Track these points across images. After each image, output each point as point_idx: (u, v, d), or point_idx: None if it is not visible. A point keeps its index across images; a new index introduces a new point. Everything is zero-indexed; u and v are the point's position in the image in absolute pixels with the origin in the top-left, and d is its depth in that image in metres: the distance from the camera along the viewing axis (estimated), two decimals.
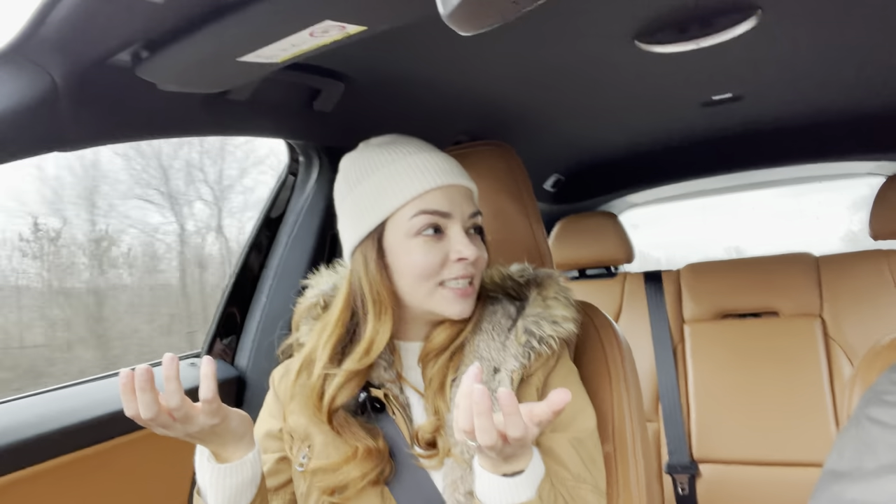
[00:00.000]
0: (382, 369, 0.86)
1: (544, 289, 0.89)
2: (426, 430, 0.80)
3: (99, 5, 0.70)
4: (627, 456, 0.93)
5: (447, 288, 0.82)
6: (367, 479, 0.79)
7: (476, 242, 0.84)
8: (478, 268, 0.84)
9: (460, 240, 0.81)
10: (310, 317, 0.94)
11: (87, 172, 1.97)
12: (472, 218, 0.85)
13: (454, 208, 0.83)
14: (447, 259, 0.81)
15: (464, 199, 0.85)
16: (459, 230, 0.82)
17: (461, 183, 0.85)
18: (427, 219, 0.81)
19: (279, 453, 0.90)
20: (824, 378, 1.80)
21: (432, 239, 0.81)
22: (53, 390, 1.11)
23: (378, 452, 0.80)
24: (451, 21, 0.56)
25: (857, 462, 0.68)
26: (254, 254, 1.45)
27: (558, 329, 0.84)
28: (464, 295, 0.82)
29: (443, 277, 0.82)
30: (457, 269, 0.82)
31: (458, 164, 0.88)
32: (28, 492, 0.93)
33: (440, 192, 0.82)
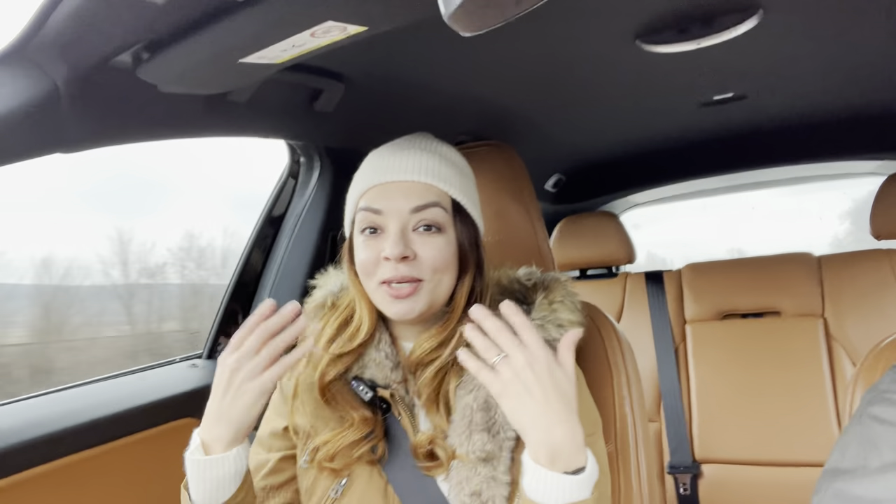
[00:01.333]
0: (389, 370, 0.85)
1: (551, 292, 0.88)
2: (422, 443, 0.80)
3: (100, 7, 0.70)
4: (629, 456, 0.93)
5: (388, 287, 0.81)
6: (363, 447, 0.80)
7: (419, 240, 0.81)
8: (421, 269, 0.81)
9: (389, 238, 0.80)
10: (317, 317, 0.94)
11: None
12: (416, 213, 0.81)
13: (388, 205, 0.81)
14: (379, 258, 0.81)
15: (406, 194, 0.81)
16: (395, 229, 0.80)
17: (408, 178, 0.82)
18: (363, 216, 0.83)
19: (283, 452, 0.90)
20: (826, 378, 1.79)
21: (370, 238, 0.82)
22: (54, 392, 1.11)
23: (374, 421, 0.82)
24: (452, 22, 0.56)
25: (860, 460, 0.67)
26: (255, 254, 1.45)
27: (563, 333, 0.83)
28: (397, 296, 0.80)
29: (381, 277, 0.81)
30: (387, 268, 0.80)
31: (428, 160, 0.84)
32: (29, 493, 0.93)
33: (378, 189, 0.83)
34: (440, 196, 0.83)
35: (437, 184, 0.83)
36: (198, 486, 0.76)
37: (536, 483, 0.68)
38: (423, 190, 0.82)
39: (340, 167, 1.45)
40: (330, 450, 0.81)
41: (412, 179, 0.82)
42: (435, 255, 0.81)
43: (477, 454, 0.76)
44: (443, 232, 0.82)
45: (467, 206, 0.86)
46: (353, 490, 0.81)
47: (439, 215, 0.82)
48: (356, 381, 0.85)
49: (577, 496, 0.67)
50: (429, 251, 0.81)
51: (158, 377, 1.27)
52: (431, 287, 0.82)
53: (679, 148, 2.11)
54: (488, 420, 0.78)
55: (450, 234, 0.83)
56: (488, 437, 0.77)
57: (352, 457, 0.80)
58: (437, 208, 0.82)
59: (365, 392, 0.84)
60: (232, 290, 1.43)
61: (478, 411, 0.79)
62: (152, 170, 1.95)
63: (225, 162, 1.89)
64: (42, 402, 1.05)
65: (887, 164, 2.17)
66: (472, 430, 0.78)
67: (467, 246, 0.85)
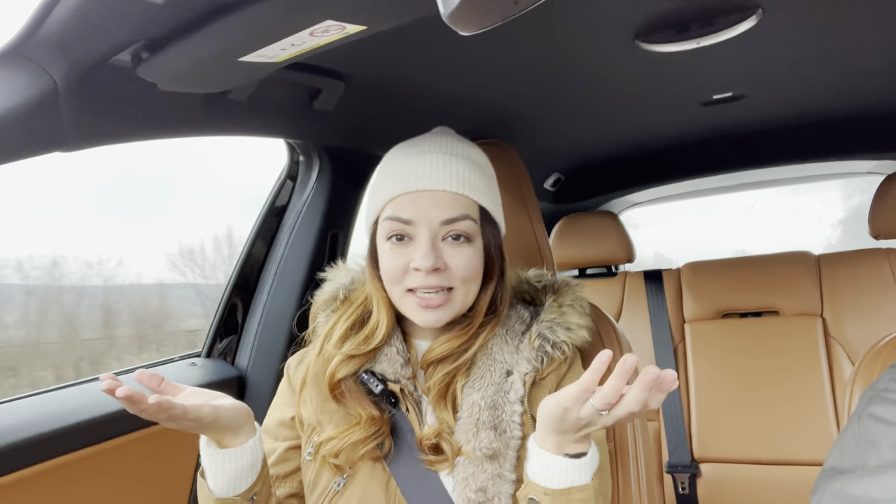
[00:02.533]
0: (399, 365, 0.86)
1: (561, 296, 0.89)
2: (428, 436, 0.80)
3: (99, 6, 0.70)
4: (628, 455, 0.93)
5: (415, 296, 0.81)
6: (368, 445, 0.80)
7: (449, 251, 0.80)
8: (451, 278, 0.80)
9: (420, 248, 0.79)
10: (328, 309, 0.94)
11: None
12: (446, 225, 0.80)
13: (419, 215, 0.80)
14: (408, 267, 0.80)
15: (437, 205, 0.80)
16: (425, 239, 0.79)
17: (439, 188, 0.81)
18: (391, 225, 0.82)
19: (290, 441, 0.91)
20: (825, 377, 1.80)
21: (398, 245, 0.82)
22: (53, 390, 1.11)
23: (381, 421, 0.82)
24: (451, 21, 0.56)
25: (859, 460, 0.68)
26: (254, 252, 1.45)
27: (572, 336, 0.85)
28: (427, 306, 0.80)
29: (408, 285, 0.81)
30: (417, 278, 0.80)
31: (457, 167, 0.83)
32: (29, 492, 0.93)
33: (408, 198, 0.81)
34: (470, 206, 0.83)
35: (467, 193, 0.82)
36: (216, 478, 0.77)
37: (540, 466, 0.69)
38: (453, 200, 0.81)
39: (340, 166, 1.45)
40: (335, 447, 0.81)
41: (443, 189, 0.81)
42: (465, 266, 0.81)
43: (483, 451, 0.77)
44: (472, 242, 0.82)
45: (493, 212, 0.86)
46: (356, 483, 0.82)
47: (469, 227, 0.82)
48: (367, 375, 0.85)
49: (578, 480, 0.68)
50: (459, 262, 0.81)
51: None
52: (461, 296, 0.82)
53: (678, 147, 2.11)
54: (495, 418, 0.79)
55: (478, 244, 0.83)
56: (495, 436, 0.78)
57: (357, 454, 0.81)
58: (467, 220, 0.81)
59: (375, 385, 0.84)
60: (231, 289, 1.43)
61: (485, 409, 0.79)
62: (158, 169, 1.98)
63: (231, 161, 1.91)
64: (41, 401, 1.05)
65: (886, 164, 2.17)
66: (480, 428, 0.78)
67: (494, 252, 0.86)
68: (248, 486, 0.78)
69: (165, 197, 2.43)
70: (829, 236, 3.36)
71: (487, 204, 0.85)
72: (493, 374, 0.82)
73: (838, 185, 3.14)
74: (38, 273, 2.00)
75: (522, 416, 0.80)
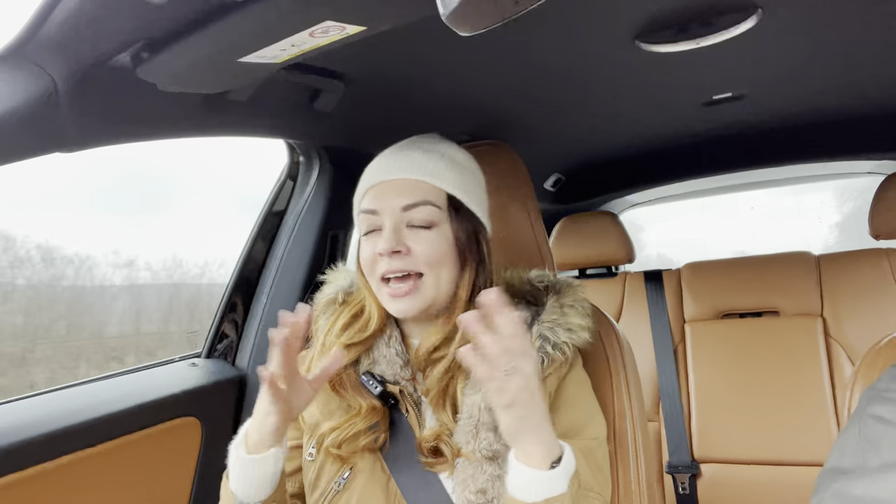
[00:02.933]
0: (398, 367, 0.87)
1: (562, 296, 0.89)
2: (427, 439, 0.81)
3: (99, 6, 0.70)
4: (628, 455, 0.93)
5: (387, 286, 0.84)
6: (368, 437, 0.82)
7: (413, 236, 0.83)
8: (416, 262, 0.83)
9: (383, 234, 0.83)
10: (328, 312, 0.96)
11: None
12: (407, 211, 0.84)
13: (382, 205, 0.85)
14: (376, 256, 0.84)
15: (397, 192, 0.85)
16: (388, 225, 0.83)
17: (399, 177, 0.85)
18: (363, 218, 0.87)
19: (294, 441, 0.92)
20: (825, 377, 1.80)
21: (369, 237, 0.87)
22: (54, 391, 1.11)
23: (381, 411, 0.84)
24: (451, 21, 0.56)
25: (859, 460, 0.68)
26: (254, 254, 1.45)
27: (573, 337, 0.85)
28: (395, 295, 0.83)
29: (379, 273, 0.84)
30: (383, 264, 0.83)
31: (420, 158, 0.86)
32: (28, 492, 0.93)
33: (374, 191, 0.87)
34: (431, 193, 0.85)
35: (428, 180, 0.85)
36: (239, 483, 0.79)
37: (517, 479, 0.69)
38: (413, 187, 0.85)
39: (340, 167, 1.45)
40: (338, 437, 0.83)
41: (403, 177, 0.85)
42: (427, 249, 0.83)
43: (483, 452, 0.77)
44: (436, 227, 0.84)
45: (465, 201, 0.88)
46: (356, 483, 0.82)
47: (430, 212, 0.84)
48: (366, 376, 0.86)
49: (555, 490, 0.68)
50: (421, 245, 0.83)
51: (158, 376, 1.27)
52: (431, 282, 0.83)
53: (678, 147, 2.11)
54: (496, 420, 0.78)
55: (444, 229, 0.85)
56: (495, 437, 0.78)
57: (358, 445, 0.82)
58: (428, 206, 0.84)
59: (374, 386, 0.85)
60: (231, 290, 1.43)
61: (485, 411, 0.79)
62: (163, 168, 2.00)
63: (235, 161, 1.93)
64: (41, 401, 1.05)
65: (886, 164, 2.17)
66: (480, 429, 0.78)
67: (465, 240, 0.86)
68: (268, 495, 0.80)
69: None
70: (826, 238, 3.37)
71: (457, 193, 0.87)
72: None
73: (835, 186, 3.15)
74: (166, 272, 2.09)
75: None
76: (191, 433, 1.21)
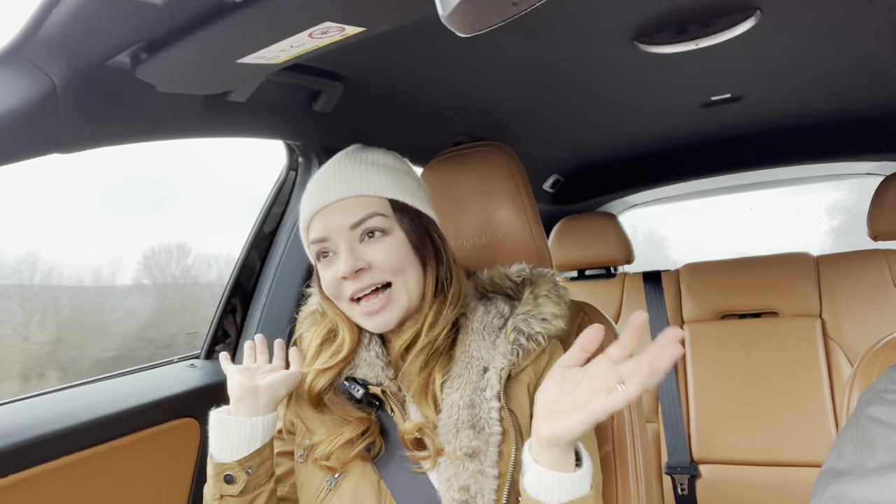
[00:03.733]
0: (380, 368, 0.87)
1: (536, 287, 0.89)
2: (408, 431, 0.81)
3: (98, 7, 0.70)
4: (627, 456, 0.93)
5: (359, 305, 0.85)
6: (359, 445, 0.82)
7: (368, 249, 0.83)
8: (380, 273, 0.83)
9: (340, 258, 0.83)
10: (310, 323, 0.97)
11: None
12: (355, 228, 0.83)
13: (330, 229, 0.84)
14: (338, 279, 0.84)
15: (342, 212, 0.84)
16: (343, 248, 0.83)
17: (338, 197, 0.84)
18: (314, 247, 0.86)
19: (279, 448, 0.93)
20: (824, 378, 1.80)
21: (325, 261, 0.86)
22: (53, 392, 1.11)
23: (369, 421, 0.84)
24: (450, 22, 0.56)
25: (857, 461, 0.67)
26: (253, 255, 1.45)
27: (547, 326, 0.84)
28: (370, 313, 0.83)
29: (347, 295, 0.84)
30: (348, 286, 0.83)
31: (352, 173, 0.86)
32: (28, 493, 0.93)
33: (317, 218, 0.86)
34: (375, 204, 0.85)
35: (367, 192, 0.85)
36: (216, 442, 0.84)
37: (537, 480, 0.69)
38: (355, 204, 0.85)
39: None
40: (326, 448, 0.82)
41: (343, 196, 0.85)
42: (387, 258, 0.83)
43: (463, 450, 0.78)
44: (388, 234, 0.85)
45: (407, 201, 0.88)
46: (346, 483, 0.83)
47: (378, 222, 0.84)
48: (348, 381, 0.87)
49: (578, 491, 0.68)
50: (380, 255, 0.83)
51: (156, 377, 1.27)
52: (401, 288, 0.84)
53: (677, 149, 2.11)
54: (473, 417, 0.80)
55: (397, 234, 0.86)
56: (473, 434, 0.78)
57: (348, 455, 0.81)
58: (374, 217, 0.84)
59: (357, 390, 0.85)
60: (229, 291, 1.43)
61: (464, 409, 0.80)
62: (168, 170, 2.01)
63: (239, 163, 1.94)
64: (41, 402, 1.05)
65: (884, 165, 2.17)
66: (459, 428, 0.79)
67: (416, 239, 0.87)
68: (242, 457, 0.82)
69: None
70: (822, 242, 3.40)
71: (396, 195, 0.87)
72: (470, 371, 0.83)
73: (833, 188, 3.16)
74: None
75: (500, 412, 0.80)
76: (190, 434, 1.21)
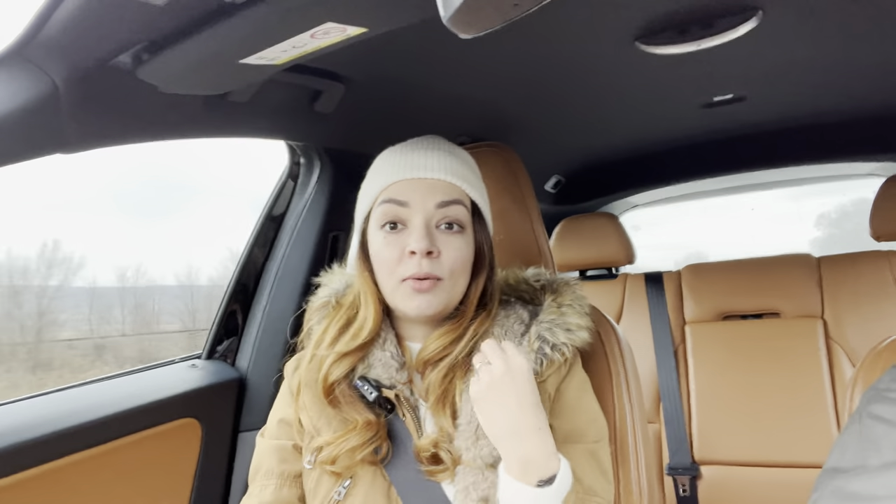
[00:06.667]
0: (394, 370, 0.85)
1: (560, 295, 0.88)
2: (425, 447, 0.79)
3: (100, 8, 0.70)
4: (629, 457, 0.93)
5: (407, 282, 0.81)
6: (365, 450, 0.79)
7: (442, 238, 0.81)
8: (442, 267, 0.81)
9: (414, 233, 0.80)
10: (321, 315, 0.94)
11: None
12: (441, 208, 0.81)
13: (414, 197, 0.81)
14: (403, 254, 0.80)
15: (431, 190, 0.82)
16: (419, 222, 0.80)
17: (434, 176, 0.82)
18: (386, 208, 0.82)
19: (294, 441, 0.89)
20: (825, 379, 1.79)
21: (392, 233, 0.82)
22: (54, 392, 1.11)
23: (378, 425, 0.81)
24: (451, 24, 0.56)
25: (860, 460, 0.67)
26: (255, 255, 1.45)
27: (572, 337, 0.84)
28: (419, 290, 0.80)
29: (402, 275, 0.80)
30: (411, 265, 0.80)
31: (451, 161, 0.85)
32: (28, 493, 0.93)
33: (404, 184, 0.83)
34: (462, 195, 0.84)
35: (459, 184, 0.84)
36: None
37: (509, 496, 0.69)
38: (447, 187, 0.83)
39: (340, 168, 1.45)
40: (332, 452, 0.80)
41: (437, 177, 0.83)
42: (456, 256, 0.81)
43: (485, 459, 0.76)
44: (464, 231, 0.83)
45: (483, 210, 0.88)
46: (357, 492, 0.80)
47: (462, 213, 0.83)
48: (361, 381, 0.84)
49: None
50: (451, 250, 0.81)
51: (158, 377, 1.27)
52: (448, 287, 0.82)
53: (679, 149, 2.11)
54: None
55: (469, 235, 0.84)
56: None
57: (354, 459, 0.79)
58: (460, 206, 0.83)
59: (370, 392, 0.83)
60: (231, 291, 1.43)
61: None
62: (180, 172, 2.04)
63: (244, 165, 1.95)
64: (42, 402, 1.05)
65: (886, 166, 2.17)
66: (479, 436, 0.77)
67: (485, 247, 0.87)
68: None
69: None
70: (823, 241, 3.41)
71: (478, 199, 0.87)
72: None
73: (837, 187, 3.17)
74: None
75: None
76: (191, 434, 1.21)
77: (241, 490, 1.27)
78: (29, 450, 0.93)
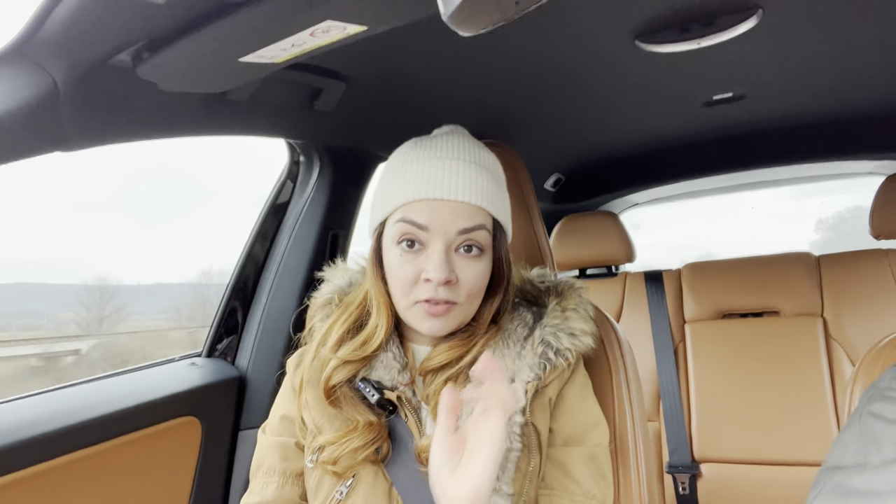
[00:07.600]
0: (396, 372, 0.84)
1: (564, 299, 0.87)
2: (425, 449, 0.78)
3: (100, 6, 0.70)
4: (629, 455, 0.93)
5: (421, 304, 0.78)
6: (367, 451, 0.79)
7: (462, 263, 0.78)
8: (458, 293, 0.78)
9: (433, 259, 0.76)
10: (324, 313, 0.92)
11: None
12: (462, 234, 0.77)
13: (435, 222, 0.77)
14: (419, 277, 0.78)
15: (454, 214, 0.77)
16: (439, 248, 0.77)
17: (458, 199, 0.78)
18: (404, 227, 0.79)
19: (296, 438, 0.89)
20: (825, 377, 1.80)
21: (409, 253, 0.79)
22: (54, 390, 1.11)
23: (379, 426, 0.80)
24: (451, 22, 0.56)
25: (861, 458, 0.67)
26: (254, 253, 1.45)
27: (576, 343, 0.82)
28: (433, 314, 0.78)
29: (416, 297, 0.78)
30: (426, 290, 0.77)
31: (476, 177, 0.80)
32: (28, 491, 0.93)
33: (425, 205, 0.78)
34: (486, 218, 0.80)
35: (485, 206, 0.80)
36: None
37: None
38: (471, 211, 0.79)
39: (340, 166, 1.45)
40: (333, 453, 0.80)
41: (461, 200, 0.78)
42: (474, 280, 0.79)
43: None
44: (483, 255, 0.80)
45: (504, 222, 0.84)
46: (358, 491, 0.80)
47: (484, 238, 0.80)
48: (363, 383, 0.83)
49: None
50: (469, 275, 0.78)
51: (158, 375, 1.27)
52: (464, 310, 0.80)
53: (679, 148, 2.11)
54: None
55: (488, 257, 0.82)
56: None
57: (355, 460, 0.79)
58: (482, 231, 0.79)
59: (371, 394, 0.82)
60: (231, 289, 1.43)
61: None
62: (186, 172, 2.03)
63: (247, 164, 1.95)
64: (42, 400, 1.05)
65: (886, 164, 2.17)
66: None
67: (504, 265, 0.84)
68: None
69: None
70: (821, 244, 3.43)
71: (500, 215, 0.83)
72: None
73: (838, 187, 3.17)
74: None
75: (523, 427, 0.78)
76: (191, 433, 1.21)
77: (241, 488, 1.27)
78: (30, 448, 0.93)
